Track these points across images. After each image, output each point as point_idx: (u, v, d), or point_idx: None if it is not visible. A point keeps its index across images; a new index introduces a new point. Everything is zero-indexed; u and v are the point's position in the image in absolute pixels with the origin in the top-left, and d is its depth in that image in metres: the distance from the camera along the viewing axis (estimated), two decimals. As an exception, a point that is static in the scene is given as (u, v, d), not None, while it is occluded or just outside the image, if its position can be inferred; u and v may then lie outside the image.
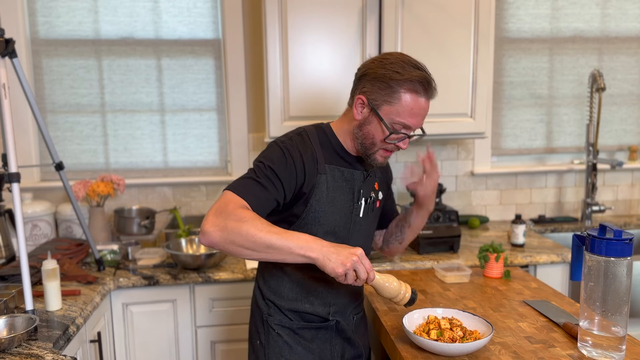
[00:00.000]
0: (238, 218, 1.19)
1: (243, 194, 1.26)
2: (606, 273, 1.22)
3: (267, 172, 1.30)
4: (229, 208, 1.21)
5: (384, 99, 1.31)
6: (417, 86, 1.29)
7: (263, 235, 1.18)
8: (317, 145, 1.39)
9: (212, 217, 1.21)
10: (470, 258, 2.18)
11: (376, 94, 1.32)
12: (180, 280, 2.05)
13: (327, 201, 1.37)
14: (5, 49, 1.61)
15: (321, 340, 1.45)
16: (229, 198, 1.24)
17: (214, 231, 1.19)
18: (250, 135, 2.67)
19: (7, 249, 2.14)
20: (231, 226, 1.18)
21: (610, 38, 2.87)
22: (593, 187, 2.74)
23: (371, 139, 1.36)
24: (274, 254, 1.19)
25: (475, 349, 1.26)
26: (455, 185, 2.82)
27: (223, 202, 1.23)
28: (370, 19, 2.24)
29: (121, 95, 2.61)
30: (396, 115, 1.31)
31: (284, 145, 1.35)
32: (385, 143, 1.35)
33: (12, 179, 1.58)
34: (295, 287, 1.42)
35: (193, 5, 2.59)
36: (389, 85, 1.30)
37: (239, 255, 1.21)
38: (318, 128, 1.44)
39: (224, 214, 1.20)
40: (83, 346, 1.75)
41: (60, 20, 2.52)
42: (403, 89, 1.29)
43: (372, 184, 1.50)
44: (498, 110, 2.85)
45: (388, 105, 1.31)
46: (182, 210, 2.67)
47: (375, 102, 1.32)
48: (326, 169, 1.38)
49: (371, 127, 1.35)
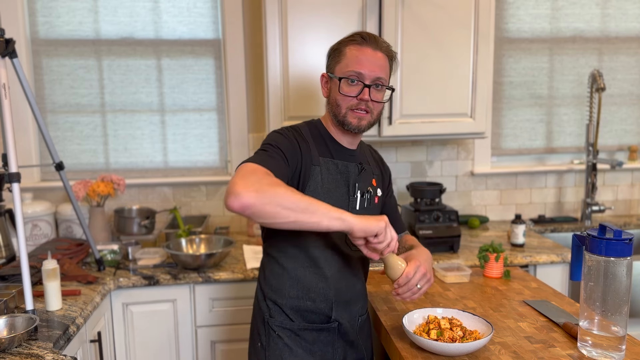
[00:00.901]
0: (271, 182, 1.17)
1: (265, 163, 1.25)
2: (606, 273, 1.22)
3: (276, 150, 1.32)
4: (258, 173, 1.19)
5: (335, 63, 1.42)
6: (357, 38, 1.40)
7: (300, 197, 1.17)
8: (309, 139, 1.42)
9: (241, 180, 1.15)
10: (470, 258, 2.18)
11: (330, 65, 1.44)
12: (180, 280, 2.05)
13: (322, 192, 1.38)
14: (6, 49, 1.61)
15: (323, 343, 1.44)
16: (253, 166, 1.22)
17: (247, 192, 1.12)
18: (250, 135, 2.67)
19: (7, 249, 2.14)
20: (266, 187, 1.14)
21: (610, 38, 2.87)
22: (593, 187, 2.74)
23: (335, 102, 1.41)
24: (309, 216, 1.17)
25: (475, 349, 1.26)
26: (455, 185, 2.82)
27: (248, 169, 1.20)
28: (370, 18, 2.24)
29: (121, 95, 2.61)
30: (345, 68, 1.39)
31: (283, 131, 1.40)
32: (345, 97, 1.38)
33: (12, 179, 1.58)
34: (296, 284, 1.41)
35: (193, 5, 2.59)
36: (336, 50, 1.42)
37: (273, 217, 1.15)
38: (309, 124, 1.48)
39: (255, 178, 1.16)
40: (83, 346, 1.75)
41: (60, 20, 2.52)
42: (346, 46, 1.41)
43: (369, 180, 1.50)
44: (498, 110, 2.85)
45: (338, 64, 1.41)
46: (182, 210, 2.67)
47: (330, 70, 1.44)
48: (320, 162, 1.40)
49: (332, 93, 1.43)
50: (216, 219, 2.70)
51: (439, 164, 2.79)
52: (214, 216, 2.69)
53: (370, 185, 1.50)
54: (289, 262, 1.42)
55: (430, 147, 2.77)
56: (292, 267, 1.42)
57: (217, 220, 2.70)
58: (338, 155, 1.45)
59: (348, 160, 1.46)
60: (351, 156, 1.47)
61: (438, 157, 2.78)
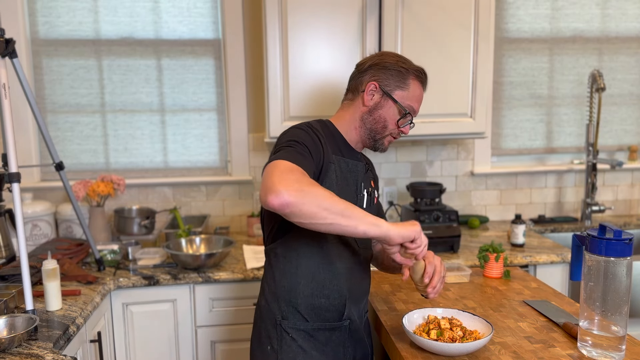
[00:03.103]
0: (310, 182, 1.18)
1: (299, 162, 1.24)
2: (606, 273, 1.22)
3: (303, 148, 1.31)
4: (296, 173, 1.19)
5: (396, 85, 1.44)
6: (421, 75, 1.47)
7: (337, 199, 1.18)
8: (323, 137, 1.42)
9: (280, 178, 1.16)
10: (470, 258, 2.18)
11: (388, 80, 1.44)
12: (180, 280, 2.05)
13: (336, 189, 1.39)
14: (6, 49, 1.61)
15: (335, 343, 1.44)
16: (290, 165, 1.21)
17: (288, 191, 1.13)
18: (250, 135, 2.67)
19: (7, 249, 2.14)
20: (307, 187, 1.15)
21: (610, 38, 2.87)
22: (593, 187, 2.74)
23: (383, 122, 1.45)
24: (347, 220, 1.18)
25: (475, 349, 1.26)
26: (455, 185, 2.82)
27: (286, 167, 1.20)
28: (370, 19, 2.24)
29: (121, 95, 2.61)
30: (406, 99, 1.44)
31: (304, 126, 1.39)
32: (396, 126, 1.45)
33: (12, 179, 1.58)
34: (311, 281, 1.41)
35: (193, 5, 2.59)
36: (400, 72, 1.43)
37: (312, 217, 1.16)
38: (320, 122, 1.48)
39: (294, 177, 1.17)
40: (83, 346, 1.75)
41: (60, 20, 2.52)
42: (412, 76, 1.45)
43: (370, 180, 1.54)
44: (498, 110, 2.85)
45: (400, 90, 1.44)
46: (182, 210, 2.67)
47: (388, 88, 1.44)
48: (333, 159, 1.41)
49: (383, 111, 1.44)
50: (216, 219, 2.70)
51: (439, 164, 2.79)
52: (214, 216, 2.69)
53: (370, 186, 1.53)
54: (302, 260, 1.41)
55: (430, 147, 2.77)
56: (305, 265, 1.41)
57: (217, 220, 2.70)
58: (348, 154, 1.47)
59: (357, 159, 1.49)
60: (358, 155, 1.51)
61: (438, 157, 2.78)
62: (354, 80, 1.49)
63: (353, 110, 1.47)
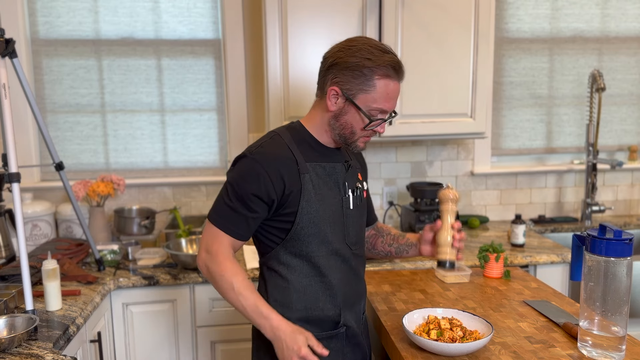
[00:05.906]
0: (220, 270, 1.34)
1: (225, 227, 1.35)
2: (606, 273, 1.22)
3: (241, 193, 1.32)
4: (213, 248, 1.35)
5: (359, 88, 1.31)
6: (389, 71, 1.31)
7: (235, 298, 1.33)
8: (292, 145, 1.37)
9: (203, 252, 1.37)
10: (470, 258, 2.18)
11: (350, 84, 1.31)
12: (180, 280, 2.05)
13: (316, 200, 1.36)
14: (5, 49, 1.61)
15: (333, 350, 1.41)
16: (214, 234, 1.36)
17: (202, 268, 1.38)
18: (250, 135, 2.67)
19: (7, 249, 2.14)
20: (213, 272, 1.35)
21: (610, 38, 2.87)
22: (593, 187, 2.74)
23: (350, 129, 1.36)
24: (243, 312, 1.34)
25: (475, 349, 1.26)
26: (455, 185, 2.82)
27: (210, 238, 1.36)
28: (370, 18, 2.24)
29: (121, 95, 2.61)
30: (373, 102, 1.32)
31: (253, 158, 1.33)
32: (365, 130, 1.36)
33: (12, 179, 1.58)
34: (303, 296, 1.39)
35: (193, 5, 2.59)
36: (363, 74, 1.30)
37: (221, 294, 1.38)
38: (289, 128, 1.42)
39: (210, 256, 1.36)
40: (83, 346, 1.75)
41: (60, 20, 2.52)
42: (377, 75, 1.30)
43: (356, 175, 1.49)
44: (498, 110, 2.85)
45: (364, 93, 1.31)
46: (182, 210, 2.67)
47: (350, 92, 1.32)
48: (308, 168, 1.36)
49: (348, 117, 1.35)
50: (216, 219, 2.70)
51: (439, 164, 2.79)
52: (214, 216, 2.69)
53: (358, 181, 1.49)
54: (293, 274, 1.39)
55: (430, 147, 2.77)
56: (296, 279, 1.39)
57: (217, 220, 2.70)
58: (323, 157, 1.41)
59: (334, 160, 1.43)
60: (336, 155, 1.44)
61: (438, 157, 2.78)
62: (320, 76, 1.39)
63: (321, 113, 1.39)
